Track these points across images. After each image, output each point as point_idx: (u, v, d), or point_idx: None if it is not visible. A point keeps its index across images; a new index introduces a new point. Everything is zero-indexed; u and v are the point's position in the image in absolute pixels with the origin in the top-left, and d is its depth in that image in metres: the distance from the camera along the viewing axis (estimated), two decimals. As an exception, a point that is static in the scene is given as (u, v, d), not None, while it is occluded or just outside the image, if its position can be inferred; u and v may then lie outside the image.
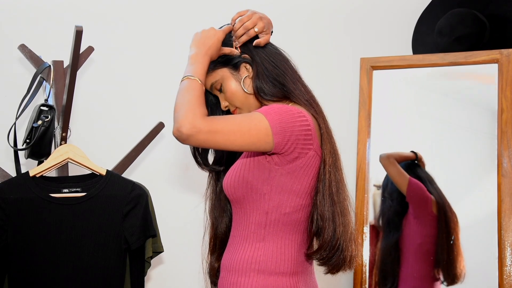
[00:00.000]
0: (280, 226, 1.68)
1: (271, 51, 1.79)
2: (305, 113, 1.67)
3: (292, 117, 1.63)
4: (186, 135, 1.54)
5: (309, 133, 1.65)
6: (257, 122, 1.60)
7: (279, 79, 1.75)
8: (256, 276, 1.66)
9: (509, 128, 2.69)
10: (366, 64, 2.97)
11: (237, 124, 1.59)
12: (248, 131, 1.59)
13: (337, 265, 1.71)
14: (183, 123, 1.54)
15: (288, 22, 3.05)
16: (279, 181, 1.67)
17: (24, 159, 2.30)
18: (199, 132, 1.54)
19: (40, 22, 2.75)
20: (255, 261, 1.67)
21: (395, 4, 3.16)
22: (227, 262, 1.73)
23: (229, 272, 1.71)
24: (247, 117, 1.63)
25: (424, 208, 2.83)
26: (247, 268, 1.67)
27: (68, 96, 2.18)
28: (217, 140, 1.57)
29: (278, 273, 1.67)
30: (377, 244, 2.87)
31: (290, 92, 1.75)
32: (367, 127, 2.93)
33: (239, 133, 1.58)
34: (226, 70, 1.77)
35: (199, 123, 1.54)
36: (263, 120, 1.60)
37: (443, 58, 2.86)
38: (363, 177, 2.88)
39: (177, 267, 2.82)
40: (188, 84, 1.65)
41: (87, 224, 2.11)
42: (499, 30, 2.88)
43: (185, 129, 1.54)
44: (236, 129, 1.58)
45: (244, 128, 1.59)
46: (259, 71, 1.75)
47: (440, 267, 2.77)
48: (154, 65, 2.89)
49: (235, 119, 1.62)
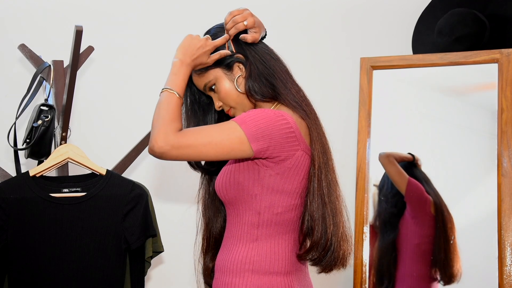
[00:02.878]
0: (273, 226, 1.68)
1: (263, 51, 1.78)
2: (286, 115, 1.66)
3: (270, 121, 1.63)
4: (158, 153, 1.61)
5: (291, 135, 1.65)
6: (230, 132, 1.61)
7: (269, 79, 1.74)
8: (251, 276, 1.66)
9: (509, 128, 2.69)
10: (366, 64, 2.97)
11: (208, 136, 1.61)
12: (220, 142, 1.61)
13: (329, 265, 1.72)
14: (155, 142, 1.60)
15: (288, 22, 3.05)
16: (270, 182, 1.67)
17: (24, 159, 2.30)
18: (170, 150, 1.59)
19: (40, 22, 2.75)
20: (249, 261, 1.67)
21: (395, 4, 3.16)
22: (220, 262, 1.73)
23: (223, 273, 1.71)
24: (219, 127, 1.64)
25: (423, 209, 2.83)
26: (241, 269, 1.67)
27: (68, 96, 2.18)
28: (189, 154, 1.61)
29: (272, 273, 1.67)
30: (374, 244, 2.87)
31: (279, 93, 1.74)
32: (367, 127, 2.93)
33: (210, 145, 1.61)
34: (219, 70, 1.76)
35: (170, 139, 1.59)
36: (237, 130, 1.62)
37: (443, 58, 2.86)
38: (363, 177, 2.88)
39: (177, 267, 2.82)
40: (165, 98, 1.68)
41: (87, 224, 2.11)
42: (499, 30, 2.88)
43: (156, 148, 1.60)
44: (207, 142, 1.61)
45: (216, 139, 1.61)
46: (252, 71, 1.74)
47: (437, 267, 2.77)
48: (154, 64, 2.88)
49: (207, 130, 1.63)
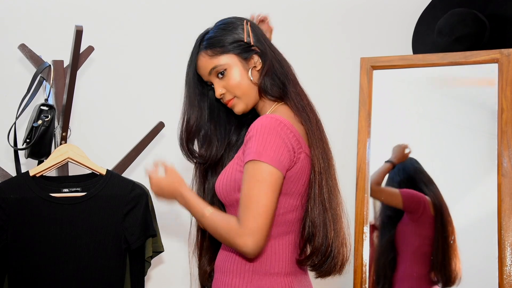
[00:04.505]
0: (275, 227, 1.67)
1: (278, 51, 1.80)
2: (283, 120, 1.66)
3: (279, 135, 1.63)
4: (256, 252, 1.60)
5: (294, 138, 1.65)
6: (262, 178, 1.60)
7: (282, 79, 1.75)
8: (251, 276, 1.66)
9: (509, 128, 2.69)
10: (366, 64, 2.97)
11: (255, 200, 1.59)
12: (265, 193, 1.59)
13: (328, 271, 1.72)
14: (244, 249, 1.59)
15: (288, 22, 3.05)
16: None
17: (24, 158, 2.30)
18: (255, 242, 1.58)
19: (40, 22, 2.75)
20: (250, 261, 1.67)
21: (395, 4, 3.16)
22: (220, 263, 1.73)
23: (223, 273, 1.71)
24: (253, 184, 1.61)
25: (423, 212, 2.83)
26: (242, 269, 1.67)
27: (68, 96, 2.18)
28: (265, 225, 1.58)
29: (273, 274, 1.67)
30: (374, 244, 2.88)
31: (288, 94, 1.75)
32: (367, 127, 2.93)
33: (264, 203, 1.58)
34: (235, 57, 1.74)
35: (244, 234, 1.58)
36: (262, 169, 1.60)
37: (443, 58, 2.86)
38: (363, 177, 2.88)
39: (177, 267, 2.82)
40: (205, 222, 1.67)
41: (87, 224, 2.11)
42: (499, 30, 2.88)
43: (249, 249, 1.58)
44: (261, 205, 1.58)
45: (260, 196, 1.59)
46: (269, 67, 1.74)
47: (436, 269, 2.76)
48: (154, 64, 2.89)
49: (249, 196, 1.60)
